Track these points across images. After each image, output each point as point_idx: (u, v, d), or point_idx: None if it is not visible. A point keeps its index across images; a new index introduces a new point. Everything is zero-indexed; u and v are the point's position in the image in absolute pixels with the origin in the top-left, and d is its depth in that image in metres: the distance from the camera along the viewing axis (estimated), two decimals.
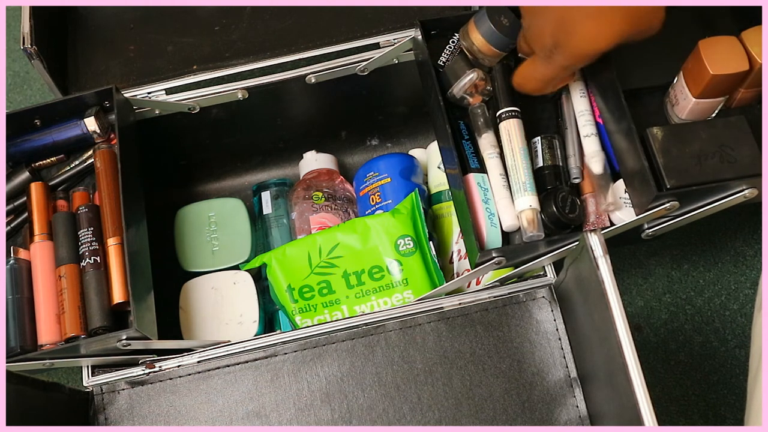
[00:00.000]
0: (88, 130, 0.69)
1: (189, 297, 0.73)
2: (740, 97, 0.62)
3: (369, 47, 0.73)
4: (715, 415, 0.77)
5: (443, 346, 0.63)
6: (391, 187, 0.75)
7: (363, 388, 0.63)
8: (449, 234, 0.73)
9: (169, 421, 0.63)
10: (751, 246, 0.84)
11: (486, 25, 0.65)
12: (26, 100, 1.00)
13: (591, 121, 0.66)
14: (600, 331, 0.55)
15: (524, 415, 0.62)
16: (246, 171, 0.86)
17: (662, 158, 0.59)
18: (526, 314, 0.64)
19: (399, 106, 0.82)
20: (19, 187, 0.70)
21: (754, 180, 0.59)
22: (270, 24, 0.76)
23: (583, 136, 0.66)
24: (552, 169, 0.64)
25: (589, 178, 0.65)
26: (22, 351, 0.62)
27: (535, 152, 0.65)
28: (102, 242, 0.66)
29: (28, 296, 0.65)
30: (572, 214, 0.62)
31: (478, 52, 0.67)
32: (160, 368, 0.64)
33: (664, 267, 0.84)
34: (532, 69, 0.62)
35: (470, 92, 0.67)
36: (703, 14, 0.68)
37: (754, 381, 0.51)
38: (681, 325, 0.81)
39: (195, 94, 0.73)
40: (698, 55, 0.59)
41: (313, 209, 0.75)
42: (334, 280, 0.70)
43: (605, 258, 0.53)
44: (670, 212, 0.61)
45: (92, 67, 0.76)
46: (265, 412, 0.63)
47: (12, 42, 1.03)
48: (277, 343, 0.64)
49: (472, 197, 0.64)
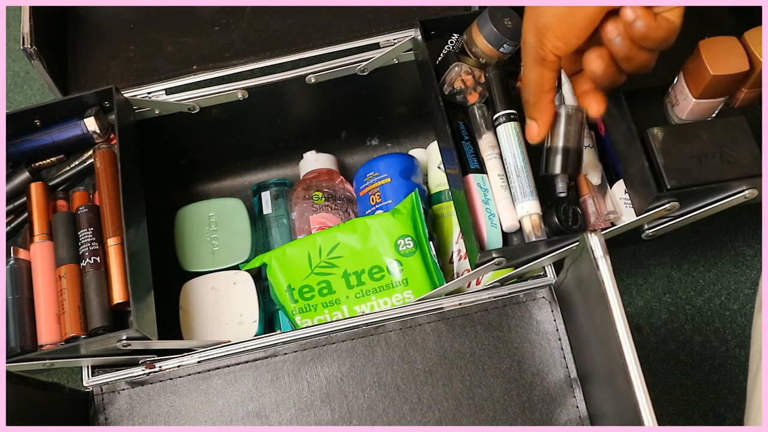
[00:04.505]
0: (88, 130, 0.69)
1: (189, 297, 0.73)
2: (743, 97, 0.62)
3: (369, 47, 0.73)
4: (715, 415, 0.77)
5: (443, 347, 0.63)
6: (391, 187, 0.75)
7: (363, 389, 0.63)
8: (449, 234, 0.73)
9: (169, 421, 0.63)
10: (751, 246, 0.84)
11: (487, 26, 0.65)
12: (26, 100, 1.00)
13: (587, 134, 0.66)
14: (600, 331, 0.55)
15: (524, 415, 0.62)
16: (246, 171, 0.86)
17: (662, 159, 0.59)
18: (526, 314, 0.64)
19: (399, 106, 0.82)
20: (19, 187, 0.70)
21: (755, 180, 0.59)
22: (270, 24, 0.76)
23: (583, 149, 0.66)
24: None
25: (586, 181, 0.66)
26: (22, 351, 0.62)
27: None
28: (102, 242, 0.66)
29: (28, 296, 0.65)
30: (575, 225, 0.62)
31: (480, 53, 0.67)
32: (160, 368, 0.64)
33: (664, 267, 0.84)
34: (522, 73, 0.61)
35: (460, 88, 0.66)
36: (703, 14, 0.68)
37: (754, 381, 0.51)
38: (681, 325, 0.81)
39: (195, 94, 0.73)
40: (698, 55, 0.58)
41: (313, 209, 0.75)
42: (334, 280, 0.70)
43: (605, 258, 0.53)
44: (670, 213, 0.61)
45: (92, 67, 0.76)
46: (265, 412, 0.63)
47: (12, 42, 1.03)
48: (277, 343, 0.64)
49: (472, 197, 0.64)
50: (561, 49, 0.53)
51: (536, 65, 0.55)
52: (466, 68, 0.66)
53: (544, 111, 0.58)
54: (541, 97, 0.57)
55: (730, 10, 0.68)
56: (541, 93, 0.57)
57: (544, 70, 0.55)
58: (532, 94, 0.57)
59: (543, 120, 0.59)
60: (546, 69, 0.55)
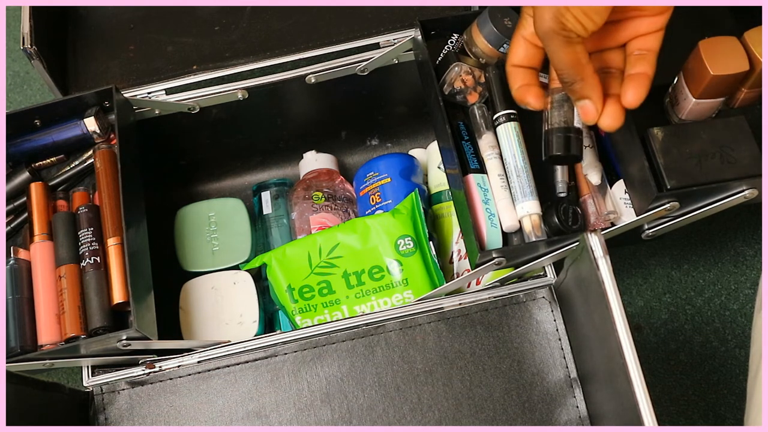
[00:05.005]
0: (88, 130, 0.69)
1: (189, 297, 0.73)
2: (743, 97, 0.62)
3: (369, 47, 0.73)
4: (715, 415, 0.77)
5: (443, 347, 0.63)
6: (391, 187, 0.75)
7: (363, 389, 0.63)
8: (449, 234, 0.73)
9: (169, 421, 0.63)
10: (751, 246, 0.84)
11: (487, 26, 0.65)
12: (26, 100, 1.00)
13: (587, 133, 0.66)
14: (600, 331, 0.55)
15: (524, 415, 0.62)
16: (246, 171, 0.86)
17: (662, 159, 0.59)
18: (526, 314, 0.64)
19: (399, 106, 0.82)
20: (19, 187, 0.70)
21: (755, 180, 0.59)
22: (270, 24, 0.77)
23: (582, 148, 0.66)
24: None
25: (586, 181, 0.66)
26: (22, 351, 0.62)
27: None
28: (102, 242, 0.66)
29: (28, 296, 0.65)
30: (575, 225, 0.62)
31: (481, 53, 0.67)
32: (160, 368, 0.64)
33: (664, 267, 0.84)
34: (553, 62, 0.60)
35: (460, 88, 0.66)
36: (703, 14, 0.68)
37: (754, 381, 0.51)
38: (681, 325, 0.81)
39: (195, 94, 0.73)
40: (698, 55, 0.58)
41: (313, 209, 0.75)
42: (334, 280, 0.70)
43: (605, 258, 0.53)
44: (670, 213, 0.61)
45: (92, 67, 0.76)
46: (265, 412, 0.63)
47: (12, 42, 1.03)
48: (277, 343, 0.64)
49: (472, 197, 0.64)
50: (589, 24, 0.51)
51: (566, 45, 0.52)
52: (466, 68, 0.66)
53: (595, 85, 0.55)
54: (586, 71, 0.54)
55: (730, 10, 0.68)
56: (582, 68, 0.54)
57: (576, 46, 0.52)
58: (575, 74, 0.54)
59: (597, 94, 0.55)
60: (577, 44, 0.52)
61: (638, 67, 0.55)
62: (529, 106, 0.57)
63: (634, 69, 0.55)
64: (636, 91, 0.54)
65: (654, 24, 0.54)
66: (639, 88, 0.54)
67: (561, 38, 0.52)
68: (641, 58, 0.55)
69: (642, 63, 0.55)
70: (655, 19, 0.54)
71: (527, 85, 0.57)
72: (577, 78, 0.54)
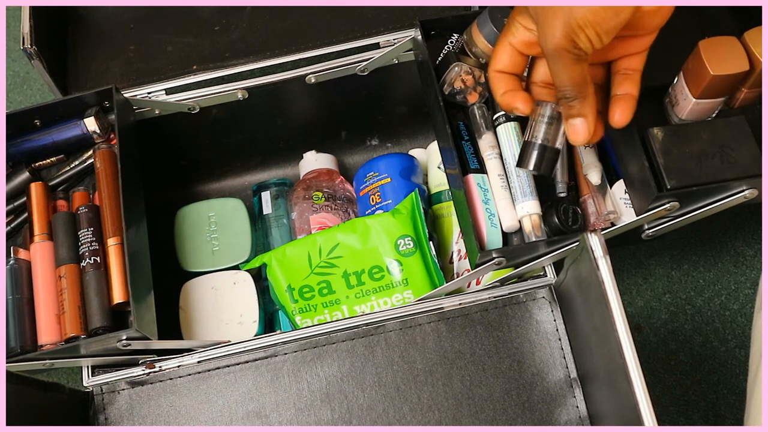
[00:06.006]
0: (88, 130, 0.69)
1: (189, 297, 0.73)
2: (743, 97, 0.62)
3: (369, 47, 0.73)
4: (715, 415, 0.77)
5: (443, 347, 0.63)
6: (391, 187, 0.75)
7: (363, 389, 0.63)
8: (449, 234, 0.73)
9: (169, 421, 0.63)
10: (751, 246, 0.84)
11: (487, 26, 0.65)
12: (26, 100, 1.00)
13: None
14: (600, 331, 0.55)
15: (524, 415, 0.62)
16: (246, 171, 0.86)
17: (662, 159, 0.59)
18: (526, 314, 0.64)
19: (399, 106, 0.82)
20: (19, 187, 0.70)
21: (755, 180, 0.59)
22: (270, 24, 0.77)
23: (582, 148, 0.66)
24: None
25: (586, 181, 0.66)
26: (22, 351, 0.62)
27: None
28: (102, 242, 0.66)
29: (28, 296, 0.65)
30: (575, 225, 0.62)
31: (481, 53, 0.67)
32: (160, 368, 0.64)
33: (664, 267, 0.84)
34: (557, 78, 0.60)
35: (460, 88, 0.66)
36: (703, 14, 0.68)
37: (754, 381, 0.51)
38: (681, 325, 0.81)
39: (195, 94, 0.73)
40: (698, 55, 0.58)
41: (313, 209, 0.75)
42: (334, 280, 0.70)
43: (605, 258, 0.53)
44: (670, 213, 0.61)
45: (92, 67, 0.76)
46: (265, 412, 0.63)
47: (12, 42, 1.03)
48: (277, 343, 0.64)
49: (472, 197, 0.64)
50: (598, 43, 0.51)
51: (575, 63, 0.52)
52: (466, 68, 0.66)
53: (594, 104, 0.55)
54: (588, 90, 0.54)
55: (730, 10, 0.68)
56: (587, 86, 0.54)
57: (584, 64, 0.52)
58: (579, 92, 0.54)
59: (593, 114, 0.55)
60: (585, 62, 0.52)
61: (625, 87, 0.56)
62: (517, 112, 0.58)
63: (620, 89, 0.56)
64: (623, 113, 0.56)
65: (643, 44, 0.55)
66: (626, 111, 0.56)
67: (572, 56, 0.51)
68: (627, 78, 0.56)
69: (628, 83, 0.56)
70: (645, 39, 0.55)
71: (513, 90, 0.57)
72: (580, 96, 0.54)
